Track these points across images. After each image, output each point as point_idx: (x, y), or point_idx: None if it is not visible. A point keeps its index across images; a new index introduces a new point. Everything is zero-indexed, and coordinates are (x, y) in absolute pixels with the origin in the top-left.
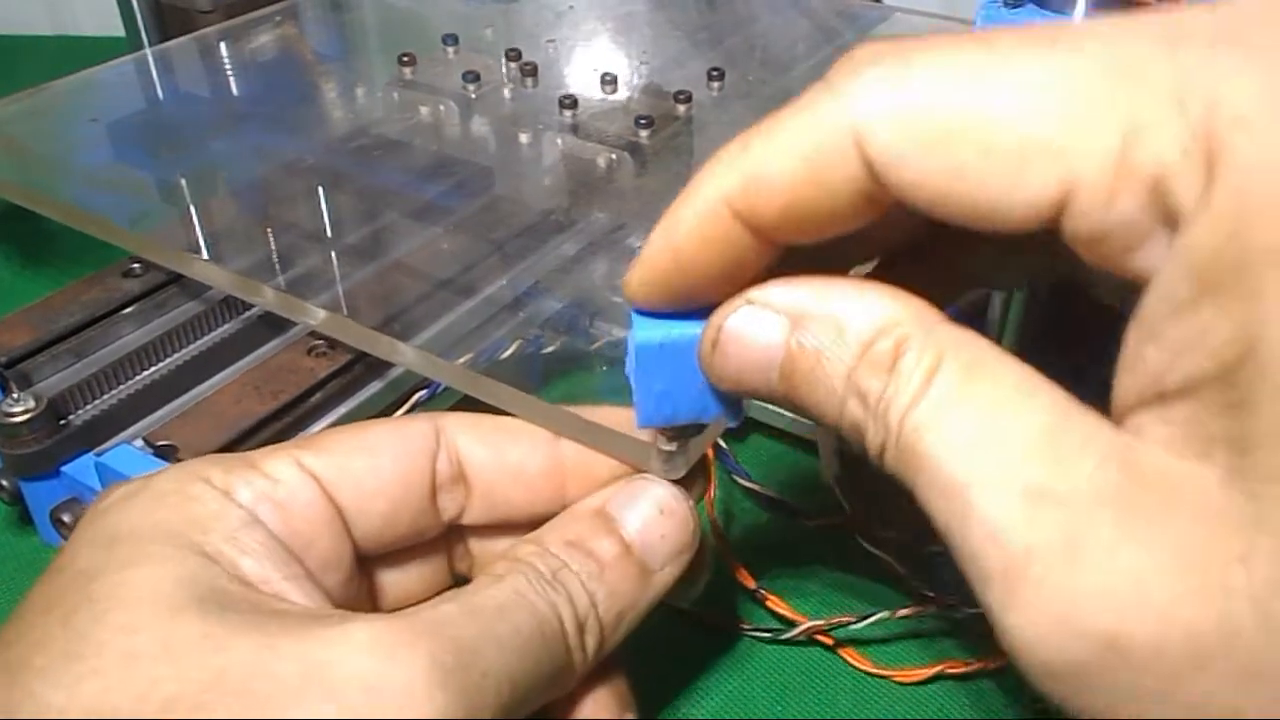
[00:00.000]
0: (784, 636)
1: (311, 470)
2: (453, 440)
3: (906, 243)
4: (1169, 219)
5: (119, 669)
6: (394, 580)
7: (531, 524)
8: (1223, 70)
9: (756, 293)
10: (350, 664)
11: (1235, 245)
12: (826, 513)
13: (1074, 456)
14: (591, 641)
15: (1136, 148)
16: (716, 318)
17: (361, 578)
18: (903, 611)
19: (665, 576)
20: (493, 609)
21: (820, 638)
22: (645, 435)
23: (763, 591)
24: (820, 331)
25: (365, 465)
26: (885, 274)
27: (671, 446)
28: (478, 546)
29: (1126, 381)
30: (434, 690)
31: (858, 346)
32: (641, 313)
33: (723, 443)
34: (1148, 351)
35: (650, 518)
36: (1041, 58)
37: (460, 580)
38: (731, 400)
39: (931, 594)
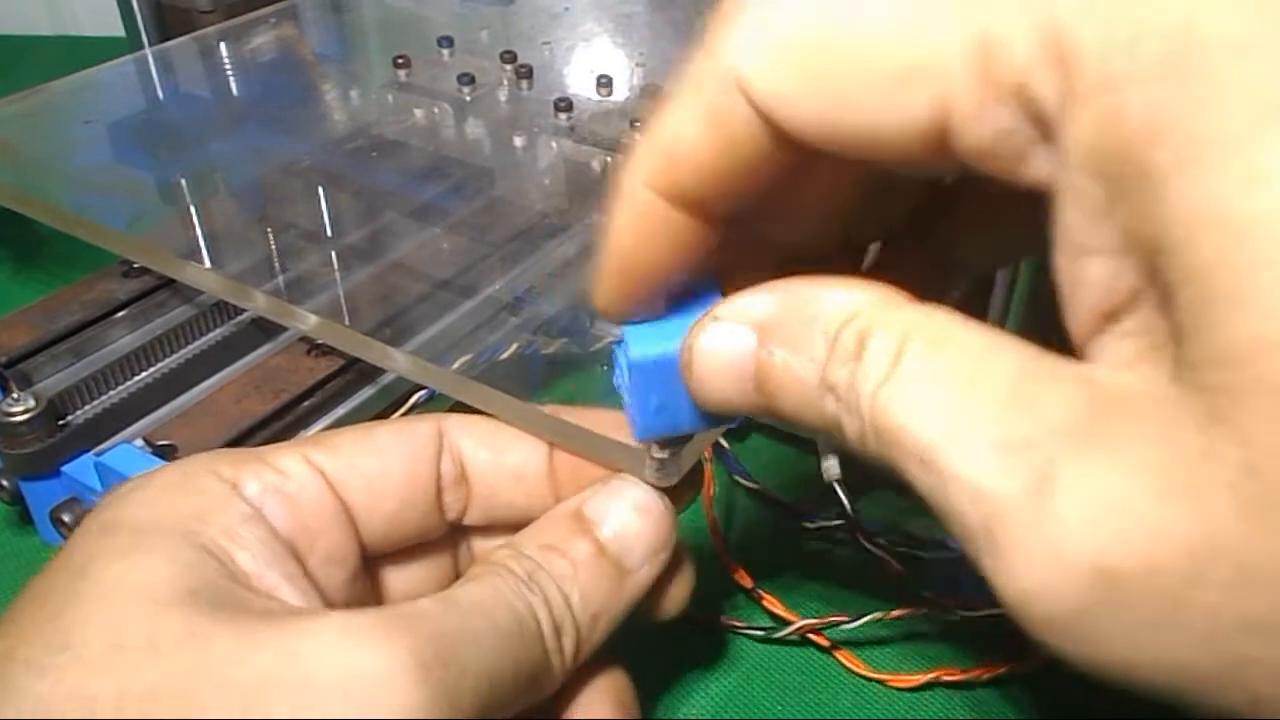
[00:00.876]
0: (776, 635)
1: (320, 467)
2: (455, 442)
3: (888, 228)
4: (1044, 125)
5: (102, 660)
6: (399, 581)
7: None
8: None
9: (723, 308)
10: (328, 654)
11: (1115, 137)
12: (825, 514)
13: (1039, 401)
14: (569, 644)
15: (994, 58)
16: (688, 339)
17: (367, 578)
18: (896, 613)
19: (643, 576)
20: (470, 606)
21: (814, 638)
22: (638, 442)
23: (759, 591)
24: (788, 335)
25: (374, 465)
26: (879, 270)
27: (664, 454)
28: (480, 546)
29: (1076, 308)
30: (412, 686)
31: (825, 342)
32: (633, 324)
33: (724, 442)
34: (1088, 269)
35: (626, 518)
36: None
37: None
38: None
39: (928, 595)
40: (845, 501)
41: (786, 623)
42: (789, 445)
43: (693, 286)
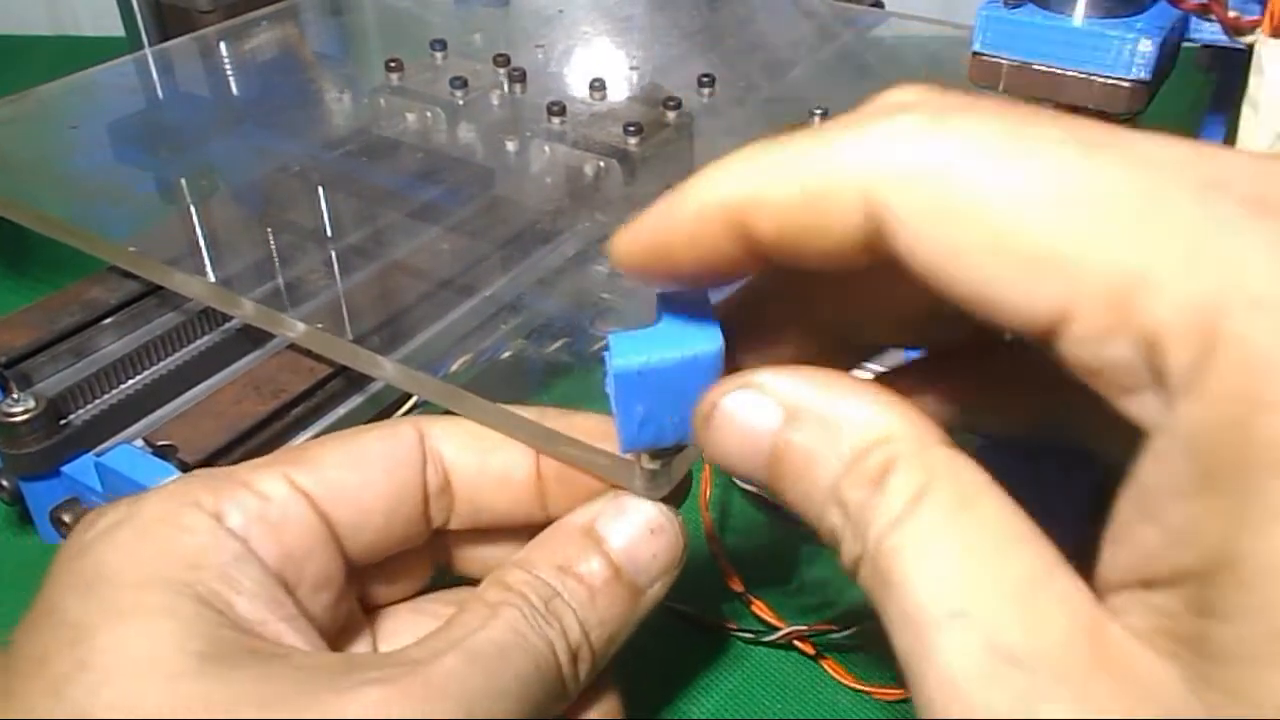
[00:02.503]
0: (765, 639)
1: (304, 488)
2: (437, 447)
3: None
4: (1161, 379)
5: None
6: (379, 589)
7: (513, 528)
8: (1249, 242)
9: (758, 376)
10: None
11: (1237, 437)
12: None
13: (1046, 619)
14: (584, 669)
15: (1137, 296)
16: (714, 394)
17: (350, 591)
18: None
19: (654, 594)
20: (495, 655)
21: (800, 644)
22: (626, 453)
23: (750, 595)
24: (814, 431)
25: (359, 480)
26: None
27: (655, 465)
28: (458, 550)
29: (1115, 555)
30: None
31: (850, 455)
32: (619, 335)
33: None
34: (1141, 531)
35: (640, 537)
36: (1074, 162)
37: (442, 573)
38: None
39: None
40: None
41: (774, 628)
42: None
43: (684, 295)
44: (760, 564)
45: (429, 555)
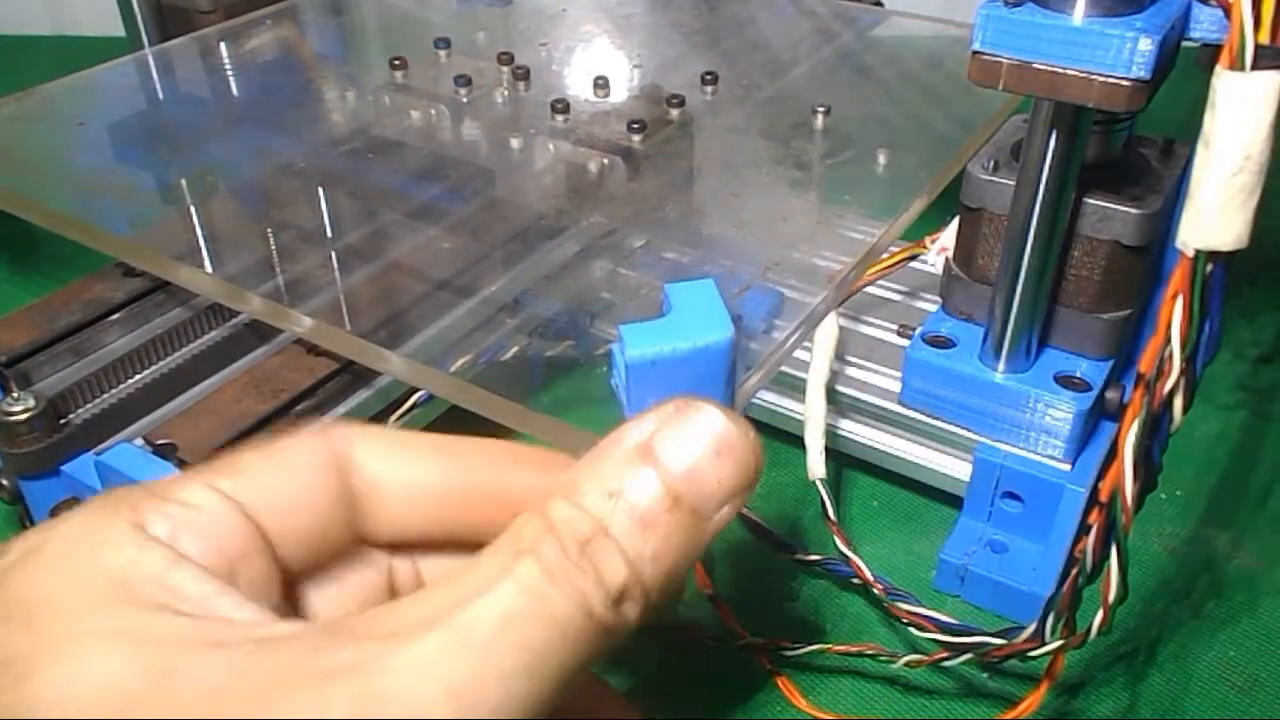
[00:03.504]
0: (728, 647)
1: (231, 494)
2: (361, 456)
3: None
4: None
5: None
6: (320, 601)
7: (439, 546)
8: None
9: None
10: None
11: None
12: (807, 548)
13: None
14: (632, 610)
15: None
16: None
17: (288, 604)
18: (839, 647)
19: (720, 519)
20: (492, 631)
21: (758, 657)
22: None
23: (719, 600)
24: None
25: (279, 481)
26: None
27: None
28: (400, 566)
29: None
30: None
31: None
32: (629, 327)
33: None
34: None
35: (705, 459)
36: None
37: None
38: (723, 405)
39: (903, 607)
40: (827, 500)
41: (736, 636)
42: (783, 442)
43: (692, 288)
44: (736, 574)
45: (373, 565)
